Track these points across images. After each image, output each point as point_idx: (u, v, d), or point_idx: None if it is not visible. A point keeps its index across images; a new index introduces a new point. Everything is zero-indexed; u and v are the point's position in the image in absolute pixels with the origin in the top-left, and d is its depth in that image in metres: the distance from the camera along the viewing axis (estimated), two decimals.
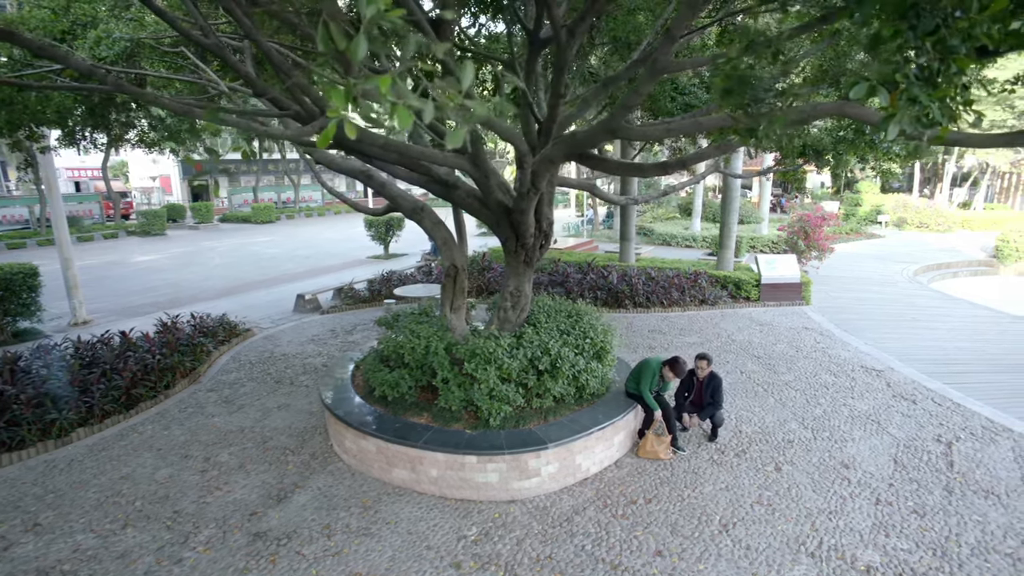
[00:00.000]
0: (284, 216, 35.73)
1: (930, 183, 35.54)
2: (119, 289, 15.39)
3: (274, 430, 6.65)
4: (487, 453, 5.05)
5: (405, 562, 4.40)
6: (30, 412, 6.30)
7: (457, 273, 6.44)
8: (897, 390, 7.71)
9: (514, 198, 5.54)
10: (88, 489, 5.47)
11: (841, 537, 4.65)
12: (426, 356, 5.74)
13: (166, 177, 40.41)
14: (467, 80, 1.32)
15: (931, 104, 1.56)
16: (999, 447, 6.15)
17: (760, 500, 5.17)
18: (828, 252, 14.95)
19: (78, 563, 4.42)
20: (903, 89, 1.59)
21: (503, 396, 5.37)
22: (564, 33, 4.31)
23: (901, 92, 1.60)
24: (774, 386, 7.86)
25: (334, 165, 6.63)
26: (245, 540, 4.68)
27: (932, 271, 17.18)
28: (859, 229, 24.07)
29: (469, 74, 1.33)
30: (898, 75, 1.57)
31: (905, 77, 1.57)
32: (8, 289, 10.42)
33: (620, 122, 4.09)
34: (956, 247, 21.06)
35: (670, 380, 6.03)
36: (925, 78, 1.57)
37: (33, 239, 24.37)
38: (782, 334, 10.24)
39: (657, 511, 5.01)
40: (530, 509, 5.05)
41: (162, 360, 7.92)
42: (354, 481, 5.54)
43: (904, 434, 6.44)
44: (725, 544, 4.57)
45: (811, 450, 6.08)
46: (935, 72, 1.57)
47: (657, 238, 22.62)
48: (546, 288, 12.22)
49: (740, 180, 13.70)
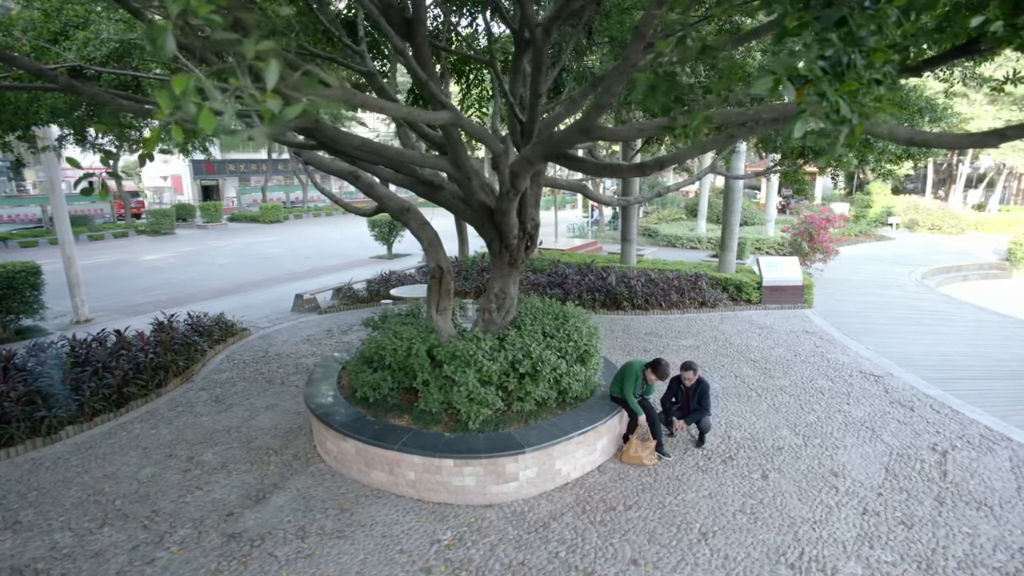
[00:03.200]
0: (292, 216, 35.99)
1: (944, 184, 34.93)
2: (123, 288, 15.57)
3: (260, 430, 6.65)
4: (464, 457, 5.00)
5: (376, 566, 4.36)
6: (20, 410, 6.36)
7: (443, 274, 6.40)
8: (895, 396, 7.54)
9: (496, 199, 5.48)
10: (71, 487, 5.51)
11: (823, 548, 4.53)
12: (408, 358, 5.70)
13: (177, 177, 40.89)
14: (271, 80, 1.26)
15: (838, 99, 1.47)
16: (996, 457, 5.98)
17: (743, 508, 5.06)
18: (833, 254, 14.71)
19: (52, 562, 4.43)
20: (809, 84, 1.51)
21: (482, 399, 5.32)
22: (539, 32, 4.25)
23: (808, 87, 1.51)
24: (768, 391, 7.72)
25: (322, 166, 6.62)
26: (219, 541, 4.67)
27: (941, 274, 16.84)
28: (868, 231, 23.68)
29: (274, 73, 1.26)
30: (801, 68, 1.49)
31: (809, 70, 1.49)
32: (11, 287, 10.56)
33: (595, 122, 4.02)
34: (968, 250, 20.65)
35: (653, 383, 5.93)
36: (834, 72, 1.49)
37: (45, 238, 24.76)
38: (781, 338, 10.08)
39: (636, 518, 4.92)
40: (507, 514, 4.99)
41: (155, 359, 7.97)
42: (334, 483, 5.52)
43: (898, 442, 6.28)
44: (703, 553, 4.47)
45: (800, 457, 5.96)
46: (845, 66, 1.48)
47: (662, 239, 22.44)
48: (544, 289, 12.15)
49: (742, 181, 13.52)
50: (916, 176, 37.48)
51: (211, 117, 1.22)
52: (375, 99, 2.76)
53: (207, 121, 1.21)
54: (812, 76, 1.48)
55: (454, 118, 3.68)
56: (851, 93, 1.47)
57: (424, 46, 4.32)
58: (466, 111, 12.00)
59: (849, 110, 1.48)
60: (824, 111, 1.48)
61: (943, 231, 24.86)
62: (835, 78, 1.48)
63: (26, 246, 23.89)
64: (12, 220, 27.25)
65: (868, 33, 1.44)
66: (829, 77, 1.49)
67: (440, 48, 6.28)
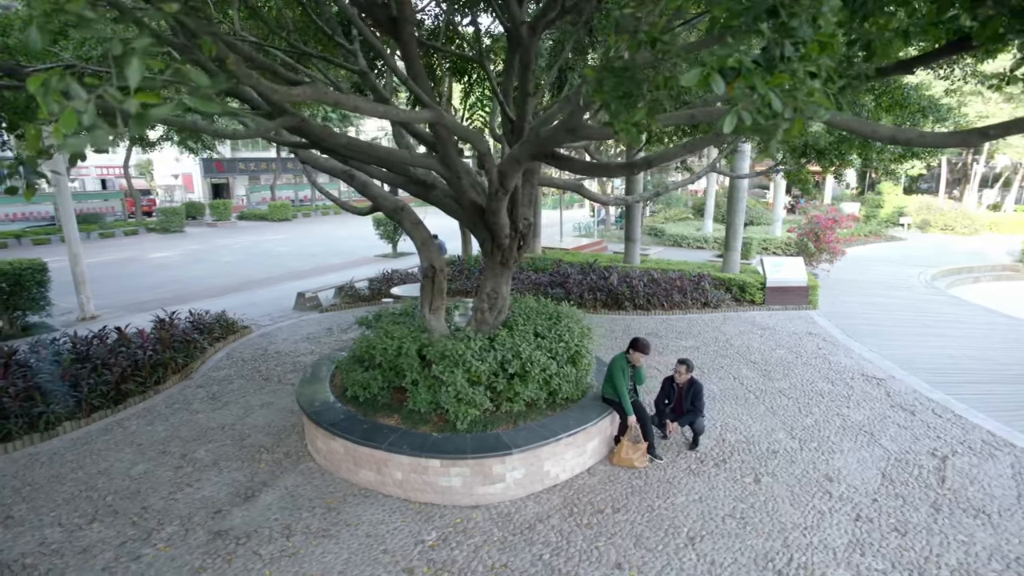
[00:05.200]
0: (300, 214, 36.21)
1: (959, 184, 34.33)
2: (130, 285, 15.75)
3: (253, 427, 6.68)
4: (450, 457, 4.98)
5: (359, 565, 4.35)
6: (18, 405, 6.44)
7: (435, 274, 6.38)
8: (896, 400, 7.40)
9: (486, 198, 5.45)
10: (64, 483, 5.56)
11: (813, 554, 4.45)
12: (398, 357, 5.69)
13: (188, 175, 41.34)
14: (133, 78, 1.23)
15: (768, 92, 1.41)
16: (997, 463, 5.84)
17: (733, 513, 4.99)
18: (839, 255, 14.50)
19: (40, 557, 4.48)
20: (740, 76, 1.45)
21: (470, 399, 5.29)
22: (525, 30, 4.21)
23: (738, 80, 1.45)
24: (767, 393, 7.62)
25: (318, 165, 6.63)
26: (206, 538, 4.69)
27: (952, 275, 16.54)
28: (879, 231, 23.34)
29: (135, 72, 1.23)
30: (731, 60, 1.43)
31: (739, 63, 1.42)
32: (17, 284, 10.71)
33: (579, 121, 3.97)
34: (981, 250, 20.28)
35: (639, 364, 5.82)
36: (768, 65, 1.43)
37: (57, 235, 25.11)
38: (783, 339, 9.96)
39: (623, 521, 4.87)
40: (493, 515, 4.96)
41: (153, 356, 8.03)
42: (323, 481, 5.52)
43: (897, 447, 6.17)
44: (689, 558, 4.41)
45: (795, 461, 5.87)
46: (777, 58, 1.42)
47: (668, 239, 22.29)
48: (546, 289, 12.10)
49: (746, 181, 13.37)
50: (930, 176, 36.89)
51: (73, 117, 1.20)
52: (348, 97, 2.74)
53: (68, 121, 1.19)
54: (743, 69, 1.43)
55: (436, 116, 3.65)
56: (782, 86, 1.41)
57: (410, 44, 4.30)
58: (469, 111, 11.98)
59: (781, 104, 1.42)
60: (755, 105, 1.43)
61: (956, 231, 24.43)
62: (766, 71, 1.43)
63: (39, 243, 24.26)
64: (26, 217, 27.68)
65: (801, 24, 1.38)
66: (761, 70, 1.43)
67: (431, 47, 6.26)
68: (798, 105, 1.44)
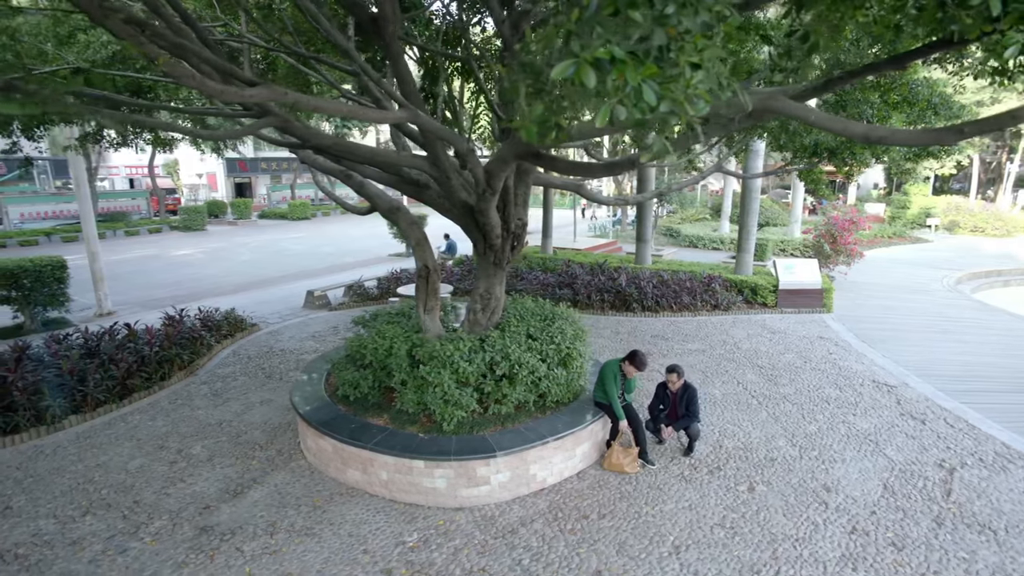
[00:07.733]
0: (320, 213, 36.66)
1: (993, 184, 33.10)
2: (148, 282, 16.14)
3: (250, 424, 6.76)
4: (434, 458, 4.95)
5: (338, 565, 4.36)
6: (26, 399, 6.63)
7: (429, 274, 6.36)
8: (907, 408, 7.14)
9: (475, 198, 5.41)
10: (64, 475, 5.70)
11: (802, 568, 4.31)
12: (388, 357, 5.69)
13: (212, 174, 42.22)
14: None
15: (640, 84, 1.32)
16: (1010, 476, 5.58)
17: (723, 522, 4.86)
18: (857, 257, 14.08)
19: (32, 547, 4.59)
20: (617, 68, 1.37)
21: (456, 401, 5.25)
22: (507, 28, 4.16)
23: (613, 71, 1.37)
24: (770, 399, 7.42)
25: (316, 164, 6.67)
26: (192, 533, 4.75)
27: (979, 279, 15.92)
28: (903, 233, 22.62)
29: None
30: (603, 51, 1.34)
31: (610, 53, 1.34)
32: (38, 280, 11.05)
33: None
34: (1012, 253, 19.50)
35: (632, 376, 5.71)
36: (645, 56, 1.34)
37: None
38: (793, 343, 9.70)
39: (608, 528, 4.78)
40: (476, 518, 4.92)
41: (159, 352, 8.20)
42: (311, 480, 5.55)
43: (902, 457, 5.94)
44: (671, 568, 4.31)
45: (793, 470, 5.69)
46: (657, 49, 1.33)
47: (684, 240, 21.96)
48: (553, 289, 12.02)
49: (759, 181, 13.06)
50: (962, 176, 35.62)
51: None
52: (308, 97, 2.72)
53: None
54: (617, 59, 1.35)
55: (410, 116, 3.63)
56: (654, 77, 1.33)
57: (393, 43, 4.28)
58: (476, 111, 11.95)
59: (654, 96, 1.34)
60: (626, 97, 1.35)
61: (987, 233, 23.54)
62: (639, 62, 1.34)
63: (68, 240, 25.02)
64: (56, 216, 28.59)
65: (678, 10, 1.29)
66: (635, 61, 1.35)
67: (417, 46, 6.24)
68: (676, 99, 1.35)
